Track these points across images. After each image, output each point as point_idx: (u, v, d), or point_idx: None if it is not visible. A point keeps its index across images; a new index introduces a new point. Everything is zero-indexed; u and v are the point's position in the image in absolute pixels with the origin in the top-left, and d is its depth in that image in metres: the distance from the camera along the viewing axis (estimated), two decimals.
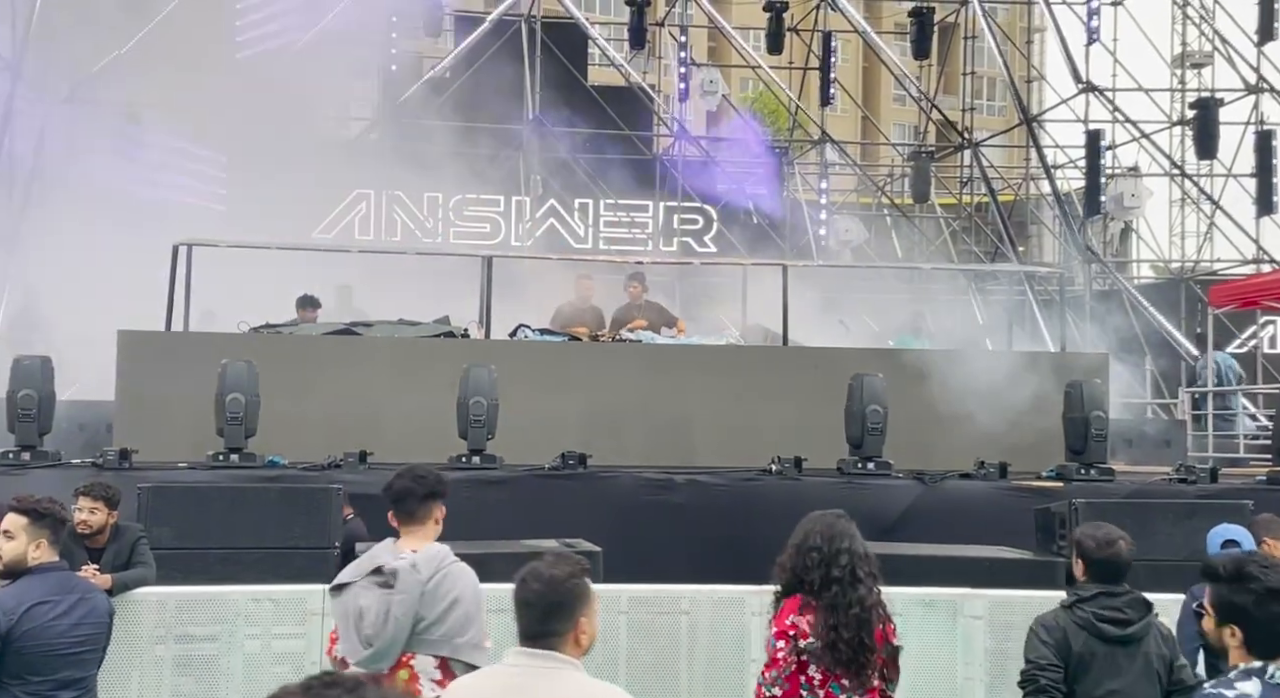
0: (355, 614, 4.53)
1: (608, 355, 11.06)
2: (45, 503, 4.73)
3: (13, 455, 8.75)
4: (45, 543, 4.67)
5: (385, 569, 4.55)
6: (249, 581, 6.85)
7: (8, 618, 4.49)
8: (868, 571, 4.48)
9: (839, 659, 4.39)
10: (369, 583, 4.57)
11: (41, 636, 4.54)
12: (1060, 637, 4.54)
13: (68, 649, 4.61)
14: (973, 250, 23.09)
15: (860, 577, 4.45)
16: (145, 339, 10.22)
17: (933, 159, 23.13)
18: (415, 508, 4.70)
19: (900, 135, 34.37)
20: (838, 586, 4.44)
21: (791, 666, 4.45)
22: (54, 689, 4.57)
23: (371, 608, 4.50)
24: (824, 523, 4.61)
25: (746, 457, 9.78)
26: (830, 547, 4.51)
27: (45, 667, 4.55)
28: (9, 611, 4.51)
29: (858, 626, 4.39)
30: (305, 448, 9.30)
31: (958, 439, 9.81)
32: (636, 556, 7.93)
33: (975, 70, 24.24)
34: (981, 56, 28.11)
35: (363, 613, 4.51)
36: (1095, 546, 4.65)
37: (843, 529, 4.55)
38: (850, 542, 4.52)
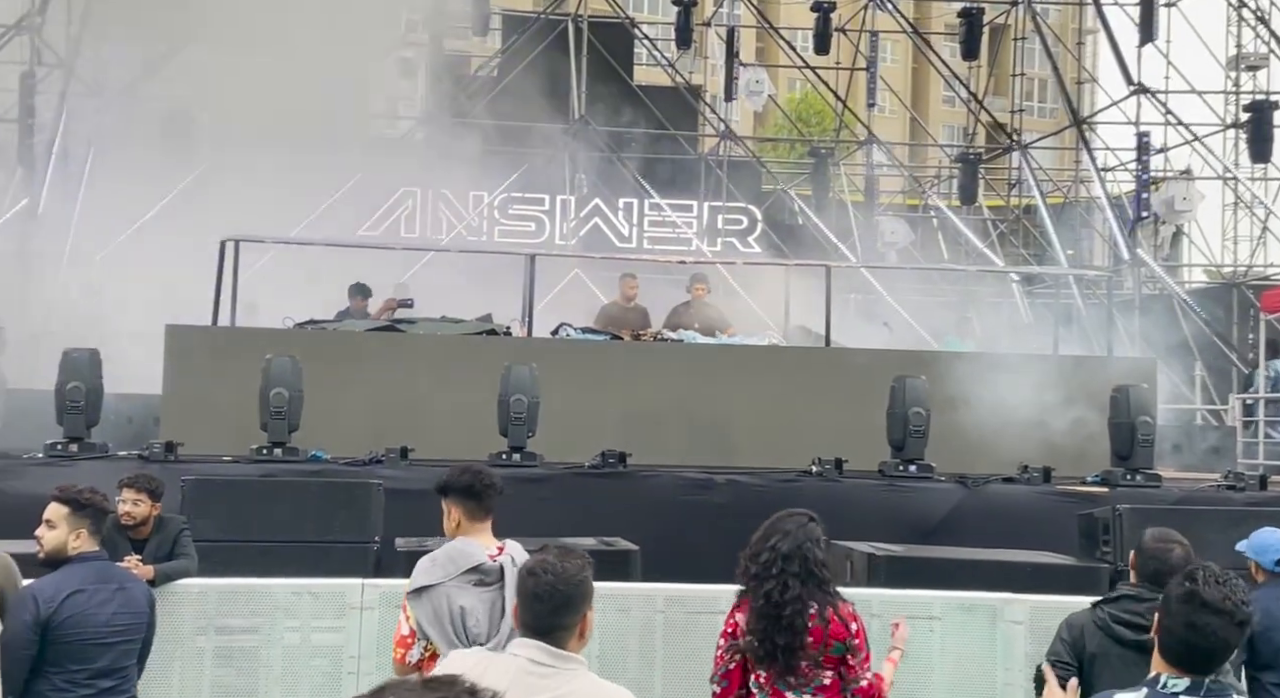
0: (453, 615, 4.40)
1: (649, 355, 11.05)
2: (86, 493, 4.77)
3: (61, 447, 8.86)
4: (85, 533, 4.71)
5: (485, 567, 4.45)
6: (289, 574, 6.88)
7: (46, 606, 4.53)
8: (790, 569, 4.38)
9: (757, 654, 4.39)
10: (464, 582, 4.45)
11: (80, 624, 4.58)
12: (1077, 635, 4.51)
13: (105, 639, 4.65)
14: (1020, 253, 22.87)
15: (773, 573, 4.38)
16: (192, 334, 10.33)
17: (980, 161, 22.92)
18: (492, 506, 4.66)
19: (948, 137, 34.12)
20: (754, 581, 4.43)
21: (730, 663, 4.47)
22: (92, 678, 4.62)
23: (477, 608, 4.40)
24: (770, 521, 4.58)
25: (787, 458, 9.74)
26: (760, 544, 4.47)
27: (83, 655, 4.59)
28: (48, 599, 4.56)
29: (767, 621, 4.35)
30: (347, 443, 9.36)
31: (1001, 443, 9.70)
32: (675, 555, 7.91)
33: (1025, 72, 24.01)
34: (1031, 58, 27.86)
35: (465, 613, 4.39)
36: (1150, 542, 4.60)
37: (778, 527, 4.49)
38: (779, 539, 4.44)
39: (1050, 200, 22.70)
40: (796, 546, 4.41)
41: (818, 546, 4.47)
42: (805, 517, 4.54)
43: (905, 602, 6.45)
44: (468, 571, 4.48)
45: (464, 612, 4.40)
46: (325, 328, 11.05)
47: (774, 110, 28.39)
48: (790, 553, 4.39)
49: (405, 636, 4.48)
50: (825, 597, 4.41)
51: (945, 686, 6.37)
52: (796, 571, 4.37)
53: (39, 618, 4.51)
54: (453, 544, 4.61)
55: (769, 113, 30.86)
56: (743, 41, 25.68)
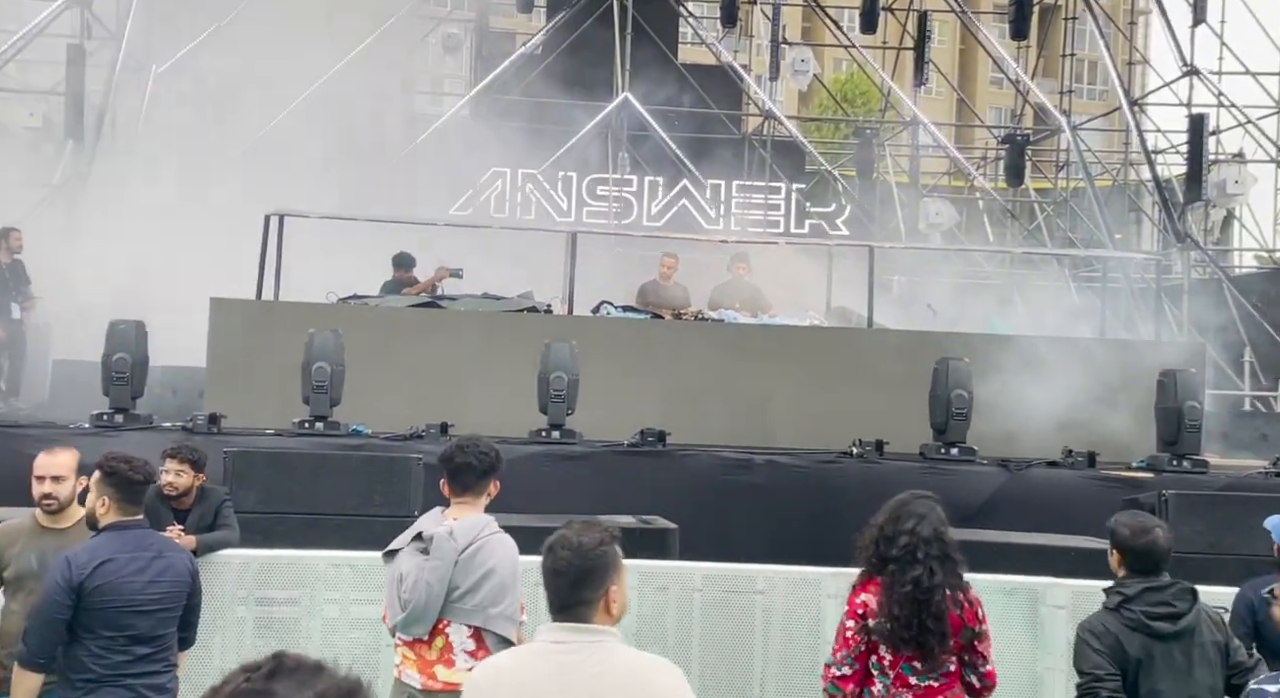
0: (397, 579, 4.62)
1: (690, 334, 11.02)
2: (112, 460, 4.77)
3: (106, 418, 8.97)
4: (109, 501, 4.73)
5: (424, 536, 4.61)
6: (329, 546, 6.94)
7: (79, 572, 4.57)
8: (932, 552, 4.35)
9: (898, 639, 4.32)
10: (412, 549, 4.65)
11: (112, 592, 4.61)
12: (1113, 643, 4.33)
13: (141, 606, 4.67)
14: (1068, 236, 22.59)
15: (918, 558, 4.33)
16: (236, 307, 10.41)
17: (1028, 142, 22.64)
18: (472, 483, 4.73)
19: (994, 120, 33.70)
20: (894, 565, 4.36)
21: (861, 645, 4.39)
22: (128, 645, 4.65)
23: (410, 573, 4.57)
24: (898, 503, 4.53)
25: (827, 439, 9.69)
26: (894, 527, 4.42)
27: (117, 622, 4.63)
28: (81, 565, 4.60)
29: (912, 606, 4.29)
30: (388, 418, 9.41)
31: (1045, 427, 9.60)
32: (713, 535, 7.91)
33: (1075, 53, 23.65)
34: (1082, 39, 27.43)
35: (402, 578, 4.59)
36: (1130, 534, 4.46)
37: (912, 510, 4.45)
38: (916, 523, 4.40)
39: (1099, 183, 22.39)
40: (934, 529, 4.39)
41: (949, 529, 4.46)
42: (933, 499, 4.52)
43: None
44: (414, 538, 4.68)
45: (401, 576, 4.60)
46: (368, 303, 11.09)
47: (819, 90, 28.18)
48: (930, 537, 4.36)
49: None
50: (959, 581, 4.39)
51: None
52: (937, 554, 4.34)
53: (71, 584, 4.56)
54: (431, 514, 4.79)
55: (814, 93, 30.65)
56: (788, 20, 25.49)
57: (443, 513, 4.74)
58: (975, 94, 42.49)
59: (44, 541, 5.13)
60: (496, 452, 4.82)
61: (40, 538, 5.14)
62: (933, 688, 4.35)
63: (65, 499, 5.13)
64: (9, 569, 5.09)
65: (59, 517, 5.17)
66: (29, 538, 5.15)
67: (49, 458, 5.17)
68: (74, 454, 5.25)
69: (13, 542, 5.14)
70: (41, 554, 5.09)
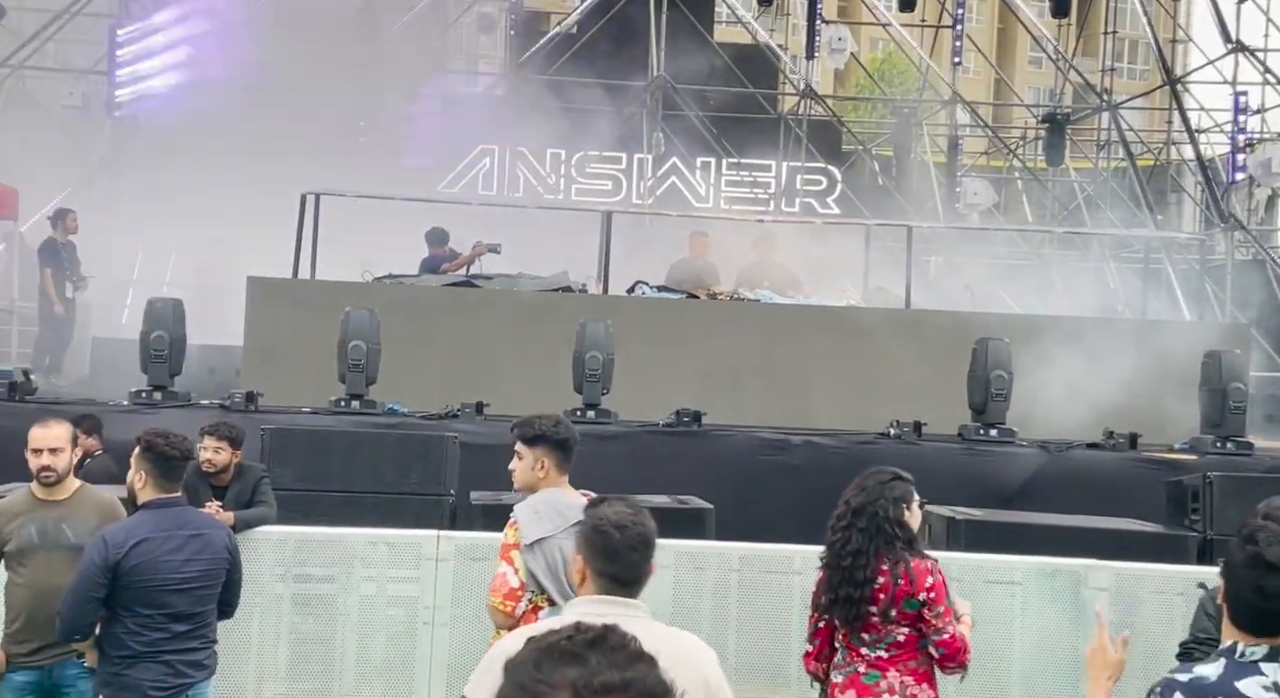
0: (567, 566, 4.32)
1: (726, 314, 10.96)
2: (151, 436, 4.77)
3: (145, 395, 9.01)
4: (146, 476, 4.73)
5: None
6: (366, 524, 6.95)
7: (115, 551, 4.58)
8: (858, 523, 4.35)
9: (823, 606, 4.42)
10: (571, 533, 4.32)
11: (149, 571, 4.62)
12: None
13: (178, 584, 4.68)
14: (1108, 216, 22.33)
15: (842, 527, 4.38)
16: (273, 286, 10.44)
17: (1068, 121, 22.37)
18: (574, 455, 4.67)
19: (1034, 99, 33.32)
20: (830, 533, 4.44)
21: (819, 623, 4.49)
22: (166, 622, 4.67)
23: None
24: (860, 476, 4.53)
25: (864, 420, 9.62)
26: (841, 501, 4.47)
27: (154, 600, 4.64)
28: (117, 544, 4.61)
29: (833, 573, 4.36)
30: (424, 397, 9.41)
31: (1086, 408, 9.49)
32: (749, 515, 7.87)
33: (1116, 30, 23.32)
34: (1124, 16, 27.09)
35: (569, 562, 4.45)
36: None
37: (860, 484, 4.47)
38: (855, 494, 4.42)
39: (1140, 162, 22.11)
40: (869, 500, 4.39)
41: (895, 503, 4.40)
42: (890, 474, 4.50)
43: (986, 566, 6.35)
44: (575, 523, 4.46)
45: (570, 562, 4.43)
46: (403, 282, 11.10)
47: (855, 69, 27.92)
48: (860, 508, 4.38)
49: (515, 588, 4.45)
50: (896, 553, 4.35)
51: (1026, 652, 6.27)
52: (864, 525, 4.35)
53: (108, 562, 4.57)
54: (549, 496, 4.56)
55: (850, 72, 30.37)
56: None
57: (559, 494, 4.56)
58: (1014, 73, 42.03)
59: (43, 512, 5.14)
60: None
61: (39, 510, 5.15)
62: (883, 659, 4.35)
63: (63, 471, 5.14)
64: (10, 543, 5.11)
65: (56, 488, 5.17)
66: (28, 511, 5.17)
67: (43, 431, 5.18)
68: (68, 426, 5.26)
69: (12, 516, 5.15)
70: (41, 526, 5.11)
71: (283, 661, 6.50)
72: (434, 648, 6.44)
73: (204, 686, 4.86)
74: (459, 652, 6.27)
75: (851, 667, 4.37)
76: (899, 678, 4.33)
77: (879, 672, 4.34)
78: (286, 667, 6.50)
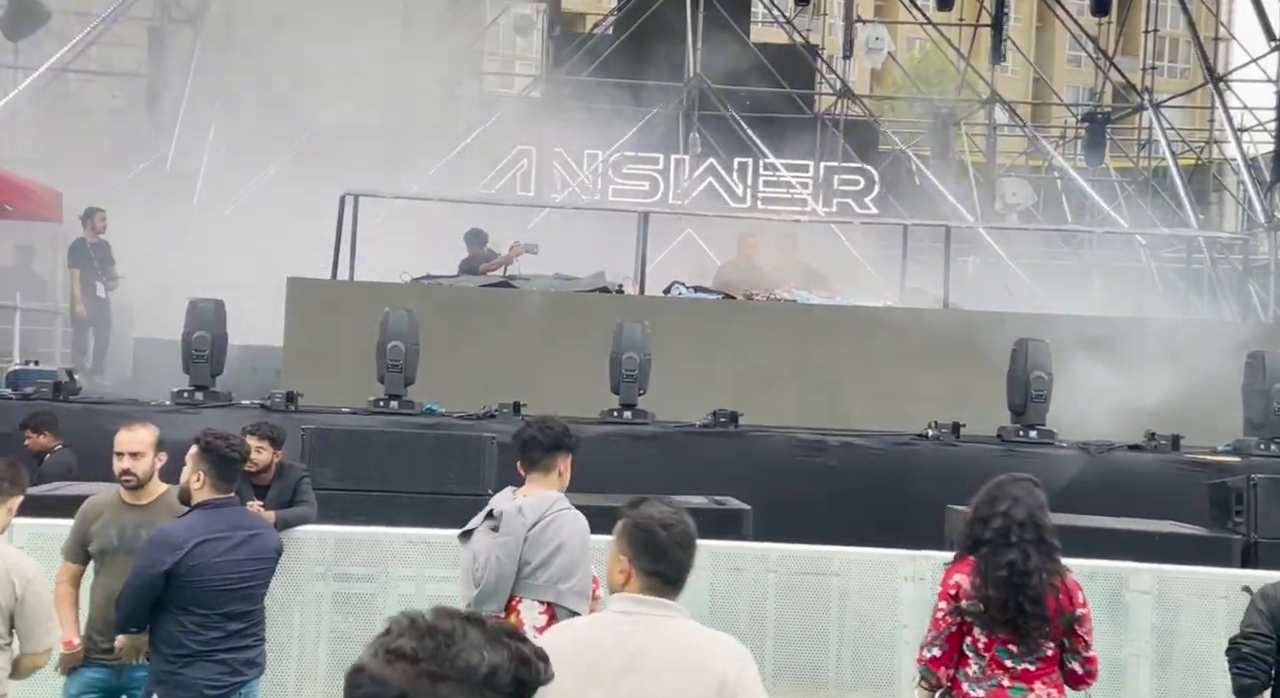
0: (470, 558, 4.69)
1: (762, 315, 10.94)
2: (210, 437, 4.84)
3: (187, 395, 9.10)
4: (204, 476, 4.78)
5: (494, 513, 4.68)
6: (405, 523, 6.99)
7: (174, 553, 4.64)
8: (1026, 536, 4.30)
9: (994, 621, 4.29)
10: (484, 528, 4.71)
11: (208, 571, 4.68)
12: (1276, 606, 4.32)
13: (234, 585, 4.74)
14: (1149, 216, 22.11)
15: (1012, 541, 4.29)
16: (313, 287, 10.52)
17: (1108, 121, 22.15)
18: (540, 457, 4.78)
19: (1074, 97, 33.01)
20: (987, 547, 4.33)
21: (952, 627, 4.37)
22: (222, 621, 4.73)
23: (483, 552, 4.63)
24: (995, 484, 4.51)
25: (902, 421, 9.57)
26: (989, 509, 4.39)
27: (212, 600, 4.70)
28: (176, 545, 4.66)
29: (1008, 589, 4.25)
30: (462, 397, 9.45)
31: (1128, 409, 9.40)
32: (786, 516, 7.85)
33: (1158, 28, 23.08)
34: (1164, 14, 26.76)
35: (475, 556, 4.66)
36: None
37: (1008, 492, 4.40)
38: (1011, 505, 4.35)
39: (1181, 161, 21.87)
40: (1029, 512, 4.35)
41: (1047, 513, 4.41)
42: (1031, 482, 4.48)
43: None
44: (486, 516, 4.75)
45: (475, 555, 4.69)
46: (441, 283, 11.15)
47: (893, 69, 27.79)
48: (1025, 520, 4.33)
49: None
50: (1056, 566, 4.35)
51: None
52: (1032, 538, 4.31)
53: (165, 564, 4.63)
54: (501, 493, 4.89)
55: (888, 72, 30.23)
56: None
57: (514, 492, 4.80)
58: (1053, 72, 41.66)
59: (126, 516, 5.22)
60: (565, 428, 4.86)
61: (122, 513, 5.23)
62: (1029, 672, 4.31)
63: (143, 475, 5.21)
64: (93, 544, 5.20)
65: (140, 493, 5.25)
66: (112, 513, 5.25)
67: (128, 434, 5.25)
68: (153, 430, 5.32)
69: (97, 517, 5.25)
70: (122, 529, 5.18)
71: (323, 659, 6.55)
72: None
73: (255, 683, 4.92)
74: None
75: (994, 680, 4.32)
76: (1045, 691, 4.31)
77: (1025, 685, 4.31)
78: (326, 665, 6.55)
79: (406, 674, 1.67)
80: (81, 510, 5.29)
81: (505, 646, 1.71)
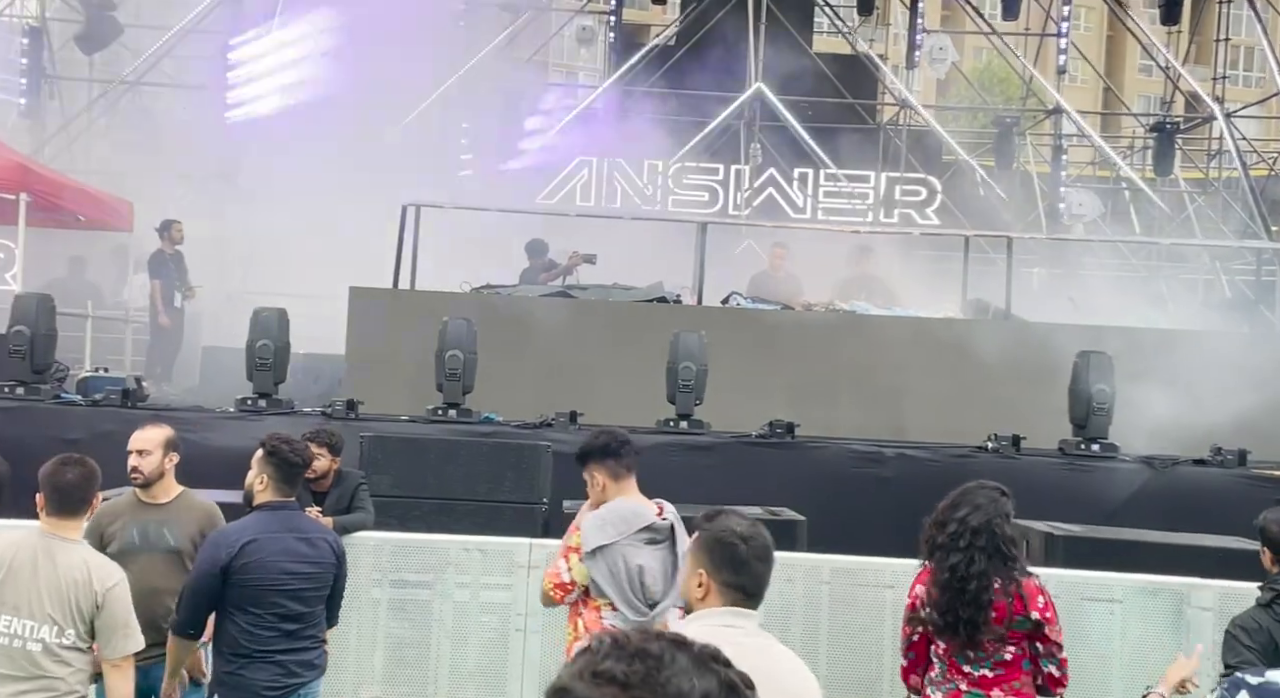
0: (630, 573, 4.51)
1: (820, 325, 10.89)
2: (274, 441, 4.94)
3: (250, 402, 9.24)
4: (267, 479, 4.88)
5: (656, 527, 4.57)
6: (461, 531, 7.06)
7: (227, 551, 4.73)
8: (978, 543, 4.27)
9: (940, 627, 4.31)
10: (636, 541, 4.56)
11: (259, 569, 4.75)
12: (1265, 640, 4.24)
13: (287, 585, 4.80)
14: (1220, 227, 21.71)
15: (960, 546, 4.27)
16: (375, 296, 10.64)
17: (1178, 131, 21.79)
18: (633, 462, 4.78)
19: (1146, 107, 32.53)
20: (939, 552, 4.33)
21: (914, 635, 4.42)
22: (276, 621, 4.80)
23: (652, 566, 4.51)
24: (960, 490, 4.49)
25: (961, 433, 9.47)
26: (948, 514, 4.38)
27: (264, 600, 4.77)
28: (229, 544, 4.76)
29: (950, 593, 4.25)
30: (519, 406, 9.50)
31: (1193, 423, 9.23)
32: (841, 527, 7.81)
33: (1230, 37, 22.69)
34: (1238, 23, 26.31)
35: (644, 571, 4.50)
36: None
37: (970, 499, 4.38)
38: (969, 512, 4.32)
39: (1254, 172, 21.45)
40: (986, 520, 4.32)
41: (1007, 521, 4.38)
42: (997, 490, 4.44)
43: (1085, 583, 6.22)
44: (640, 529, 4.57)
45: (642, 571, 4.50)
46: (500, 292, 11.23)
47: (957, 79, 27.55)
48: (979, 527, 4.31)
49: (565, 583, 4.65)
50: (1010, 572, 4.31)
51: (1125, 671, 6.12)
52: (984, 545, 4.29)
53: (219, 562, 4.72)
54: (618, 504, 4.68)
55: (951, 81, 29.98)
56: (928, 8, 24.96)
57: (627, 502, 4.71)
58: (1124, 82, 41.14)
59: (144, 515, 5.32)
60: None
61: (140, 513, 5.34)
62: (987, 678, 4.30)
63: (149, 472, 5.31)
64: (112, 545, 5.27)
65: (156, 492, 5.35)
66: (130, 513, 5.35)
67: (138, 433, 5.40)
68: (164, 431, 5.42)
69: (114, 518, 5.33)
70: (143, 528, 5.28)
71: (379, 664, 6.63)
72: (525, 655, 6.51)
73: (315, 684, 4.99)
74: (550, 659, 6.32)
75: (952, 684, 4.33)
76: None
77: (982, 691, 4.30)
78: (383, 671, 6.63)
79: None
80: (97, 513, 5.37)
81: (714, 672, 1.65)
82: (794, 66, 19.42)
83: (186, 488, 5.52)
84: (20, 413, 8.84)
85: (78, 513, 4.52)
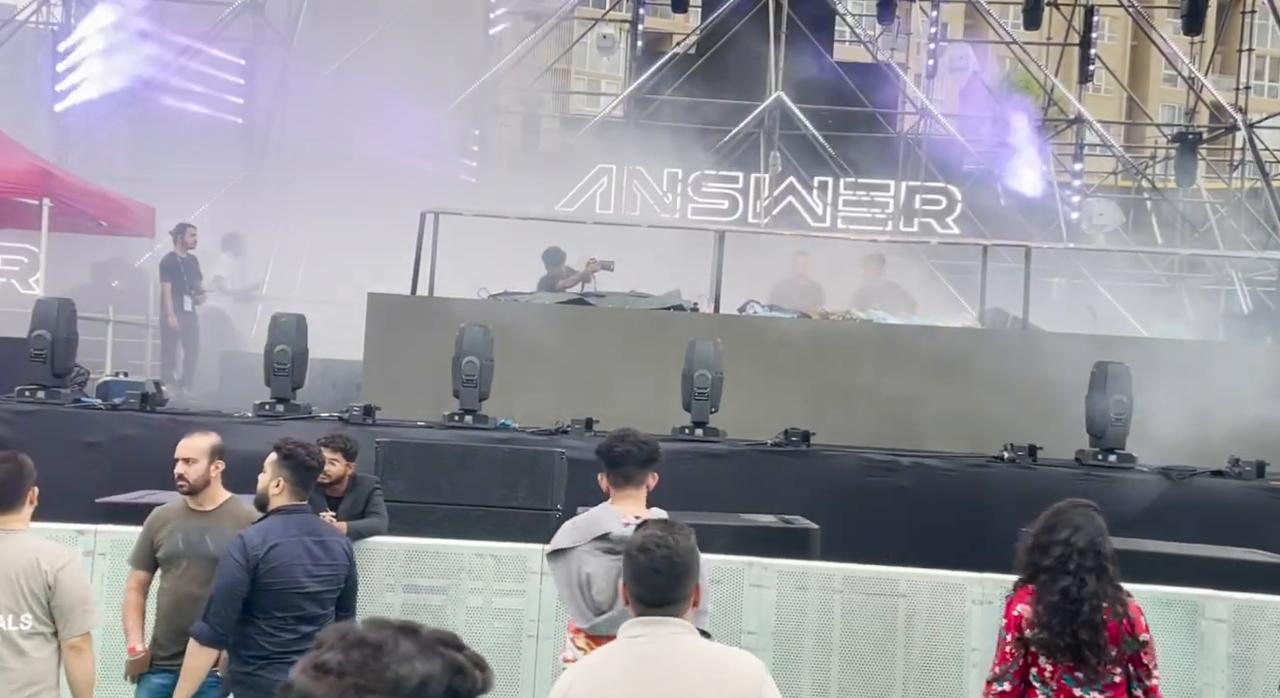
0: (580, 580, 4.52)
1: (836, 333, 10.88)
2: (289, 444, 4.98)
3: (268, 407, 9.29)
4: (283, 483, 4.92)
5: (613, 536, 4.51)
6: (474, 537, 7.07)
7: (254, 553, 4.79)
8: (1086, 563, 4.27)
9: (1054, 648, 4.26)
10: (594, 548, 4.56)
11: (284, 573, 4.82)
12: None
13: (307, 587, 4.87)
14: (1242, 238, 21.58)
15: (1070, 568, 4.26)
16: (392, 302, 10.69)
17: (1201, 141, 21.67)
18: (633, 473, 4.70)
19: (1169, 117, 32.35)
20: (1046, 575, 4.31)
21: (1019, 659, 4.35)
22: (295, 624, 4.87)
23: (600, 574, 4.49)
24: (1054, 511, 4.46)
25: (977, 443, 9.45)
26: (1048, 536, 4.36)
27: (287, 603, 4.84)
28: (255, 546, 4.81)
29: (1064, 616, 4.23)
30: (535, 413, 9.52)
31: (1211, 435, 9.17)
32: (855, 536, 7.79)
33: (1254, 47, 22.57)
34: (1262, 33, 26.16)
35: (590, 579, 4.50)
36: None
37: (1068, 519, 4.36)
38: (1071, 533, 4.32)
39: (1276, 183, 21.32)
40: (1089, 540, 4.33)
41: (1108, 539, 4.38)
42: (1091, 508, 4.45)
43: None
44: (597, 537, 4.57)
45: (589, 578, 4.49)
46: (517, 299, 11.26)
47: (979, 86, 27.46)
48: (1085, 548, 4.31)
49: (570, 659, 4.61)
50: (1117, 592, 4.33)
51: None
52: (1091, 565, 4.29)
53: (248, 564, 4.78)
54: (592, 511, 4.74)
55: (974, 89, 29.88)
56: (950, 18, 24.95)
57: (604, 509, 4.68)
58: (1147, 92, 40.93)
59: (190, 522, 5.37)
60: (655, 443, 4.79)
61: (187, 519, 5.39)
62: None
63: (195, 480, 5.35)
64: (160, 550, 5.36)
65: (203, 499, 5.39)
66: (178, 520, 5.41)
67: (185, 441, 5.45)
68: (210, 438, 5.47)
69: (163, 525, 5.41)
70: (187, 535, 5.32)
71: None
72: (538, 661, 6.51)
73: None
74: (563, 666, 6.32)
75: None
76: None
77: None
78: None
79: (333, 689, 1.63)
80: (149, 519, 5.47)
81: (440, 655, 1.67)
82: (814, 75, 19.44)
83: (234, 495, 5.55)
84: (41, 416, 8.92)
85: (12, 507, 4.62)
